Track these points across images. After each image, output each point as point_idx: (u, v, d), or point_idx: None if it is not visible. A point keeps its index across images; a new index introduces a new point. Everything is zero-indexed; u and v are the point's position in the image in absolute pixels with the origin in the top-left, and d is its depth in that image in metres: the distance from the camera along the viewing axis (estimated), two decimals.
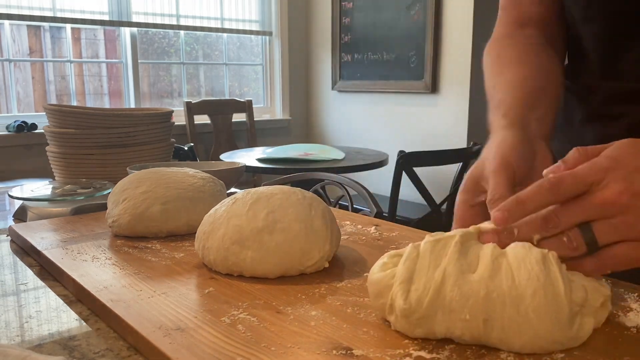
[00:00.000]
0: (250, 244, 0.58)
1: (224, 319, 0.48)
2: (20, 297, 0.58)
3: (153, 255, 0.67)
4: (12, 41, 3.05)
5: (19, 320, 0.52)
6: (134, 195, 0.75)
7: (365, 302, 0.52)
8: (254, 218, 0.59)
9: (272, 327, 0.46)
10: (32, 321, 0.52)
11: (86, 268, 0.61)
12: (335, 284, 0.57)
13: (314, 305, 0.51)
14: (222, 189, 0.83)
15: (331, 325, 0.47)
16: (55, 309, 0.55)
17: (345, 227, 0.80)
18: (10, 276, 0.65)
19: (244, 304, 0.51)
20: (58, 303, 0.56)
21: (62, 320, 0.52)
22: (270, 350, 0.42)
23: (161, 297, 0.53)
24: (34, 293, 0.59)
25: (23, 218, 0.92)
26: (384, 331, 0.45)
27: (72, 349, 0.46)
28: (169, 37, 3.62)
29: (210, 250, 0.60)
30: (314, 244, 0.59)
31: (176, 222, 0.74)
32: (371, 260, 0.63)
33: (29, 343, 0.47)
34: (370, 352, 0.42)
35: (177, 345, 0.43)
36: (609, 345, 0.43)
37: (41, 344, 0.47)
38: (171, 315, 0.48)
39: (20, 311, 0.54)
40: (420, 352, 0.42)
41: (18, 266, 0.69)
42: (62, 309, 0.55)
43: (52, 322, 0.52)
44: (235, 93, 3.98)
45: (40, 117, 3.05)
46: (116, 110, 1.30)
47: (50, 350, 0.46)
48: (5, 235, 0.82)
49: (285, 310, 0.50)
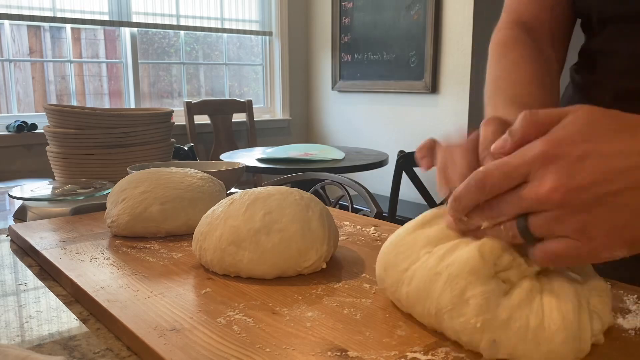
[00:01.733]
0: (247, 245, 0.58)
1: (220, 320, 0.48)
2: (20, 297, 0.58)
3: (151, 255, 0.67)
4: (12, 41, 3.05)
5: (19, 320, 0.52)
6: (132, 195, 0.75)
7: (362, 302, 0.52)
8: (251, 219, 0.59)
9: (267, 328, 0.46)
10: (32, 321, 0.52)
11: (84, 268, 0.61)
12: (333, 284, 0.57)
13: (310, 306, 0.51)
14: (221, 189, 0.83)
15: (327, 326, 0.47)
16: (55, 309, 0.55)
17: (344, 227, 0.80)
18: (10, 276, 0.65)
19: (240, 304, 0.51)
20: (58, 303, 0.56)
21: (62, 320, 0.52)
22: (264, 352, 0.42)
23: (158, 298, 0.53)
24: (34, 293, 0.59)
25: (23, 218, 0.92)
26: (380, 332, 0.45)
27: (72, 349, 0.46)
28: (169, 37, 3.62)
29: (207, 251, 0.60)
30: (311, 245, 0.59)
31: (175, 222, 0.74)
32: (369, 261, 0.63)
33: (29, 343, 0.47)
34: (366, 353, 0.42)
35: (172, 346, 0.43)
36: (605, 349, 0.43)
37: (41, 344, 0.47)
38: (167, 316, 0.48)
39: (20, 311, 0.54)
40: (416, 354, 0.42)
41: (18, 266, 0.69)
42: (62, 309, 0.55)
43: (52, 322, 0.52)
44: (235, 93, 3.98)
45: (40, 117, 3.06)
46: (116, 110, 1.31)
47: (50, 350, 0.46)
48: (5, 235, 0.82)
49: (281, 311, 0.50)
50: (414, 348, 0.43)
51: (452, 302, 0.42)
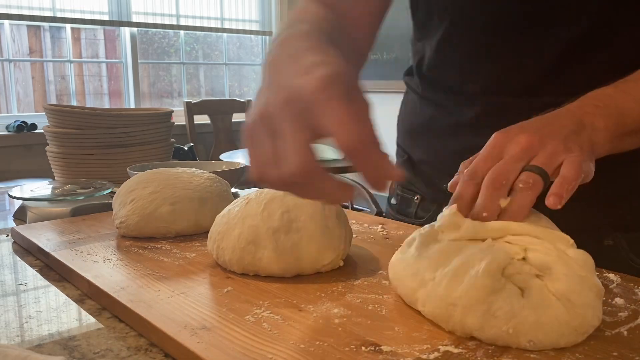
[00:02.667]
0: (267, 244, 0.58)
1: (248, 318, 0.48)
2: (20, 297, 0.58)
3: (164, 255, 0.67)
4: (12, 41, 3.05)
5: (19, 320, 0.52)
6: (142, 196, 0.75)
7: (384, 299, 0.52)
8: (269, 218, 0.59)
9: (296, 324, 0.47)
10: (32, 321, 0.52)
11: (99, 269, 0.61)
12: (352, 282, 0.57)
13: (334, 302, 0.51)
14: (227, 189, 0.83)
15: (355, 322, 0.47)
16: (55, 309, 0.55)
17: (351, 226, 0.80)
18: (10, 276, 0.65)
19: (265, 302, 0.52)
20: (58, 303, 0.56)
21: (62, 320, 0.52)
22: (299, 348, 0.42)
23: (181, 297, 0.53)
24: (34, 293, 0.59)
25: (23, 218, 0.92)
26: (408, 327, 0.46)
27: (72, 349, 0.46)
28: (169, 37, 3.62)
29: (225, 251, 0.60)
30: (330, 243, 0.60)
31: (185, 222, 0.74)
32: (383, 259, 0.64)
33: (29, 343, 0.47)
34: (399, 347, 0.42)
35: (206, 344, 0.43)
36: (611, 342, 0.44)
37: (41, 344, 0.47)
38: (195, 315, 0.49)
39: (20, 311, 0.54)
40: (447, 347, 0.42)
41: (18, 266, 0.69)
42: (62, 309, 0.55)
43: (52, 322, 0.52)
44: (235, 93, 3.98)
45: (40, 117, 3.05)
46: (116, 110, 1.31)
47: (50, 350, 0.46)
48: (6, 235, 0.82)
49: (306, 308, 0.50)
50: (445, 342, 0.43)
51: (479, 322, 0.43)
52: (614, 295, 0.53)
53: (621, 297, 0.52)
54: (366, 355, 0.41)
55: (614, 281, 0.56)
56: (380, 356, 0.41)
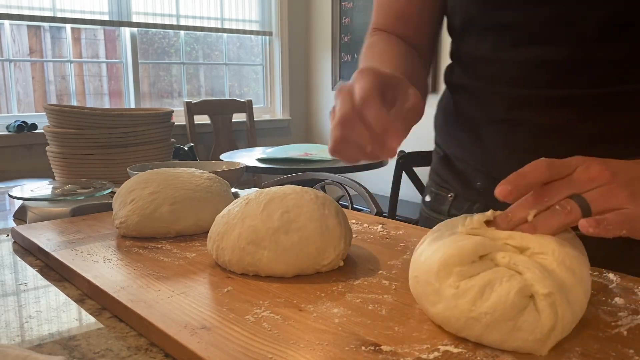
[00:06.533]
0: (267, 244, 0.58)
1: (248, 317, 0.48)
2: (20, 297, 0.58)
3: (164, 255, 0.67)
4: (12, 41, 3.05)
5: (19, 320, 0.52)
6: (142, 196, 0.75)
7: (384, 299, 0.52)
8: (269, 218, 0.60)
9: (296, 324, 0.47)
10: (32, 321, 0.52)
11: (99, 269, 0.61)
12: (352, 281, 0.57)
13: (334, 302, 0.52)
14: (227, 189, 0.83)
15: (355, 322, 0.47)
16: (55, 308, 0.55)
17: (351, 225, 0.80)
18: (11, 276, 0.65)
19: (265, 302, 0.52)
20: (58, 303, 0.56)
21: (62, 320, 0.52)
22: (299, 347, 0.43)
23: (181, 297, 0.53)
24: (34, 293, 0.59)
25: (23, 218, 0.92)
26: (408, 327, 0.46)
27: (72, 349, 0.46)
28: (169, 37, 3.62)
29: (225, 251, 0.60)
30: (330, 243, 0.60)
31: (185, 222, 0.75)
32: (383, 259, 0.64)
33: (29, 343, 0.47)
34: (399, 347, 0.42)
35: (206, 344, 0.43)
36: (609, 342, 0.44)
37: (41, 344, 0.47)
38: (195, 315, 0.49)
39: (20, 311, 0.54)
40: (447, 346, 0.43)
41: (18, 266, 0.69)
42: (62, 308, 0.55)
43: (52, 322, 0.52)
44: (235, 93, 3.98)
45: (40, 117, 3.05)
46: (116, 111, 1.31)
47: (50, 350, 0.46)
48: (6, 235, 0.82)
49: (307, 308, 0.50)
50: (444, 341, 0.44)
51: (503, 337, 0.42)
52: (613, 295, 0.53)
53: (621, 297, 0.52)
54: (366, 355, 0.41)
55: (613, 281, 0.57)
56: (380, 356, 0.41)
